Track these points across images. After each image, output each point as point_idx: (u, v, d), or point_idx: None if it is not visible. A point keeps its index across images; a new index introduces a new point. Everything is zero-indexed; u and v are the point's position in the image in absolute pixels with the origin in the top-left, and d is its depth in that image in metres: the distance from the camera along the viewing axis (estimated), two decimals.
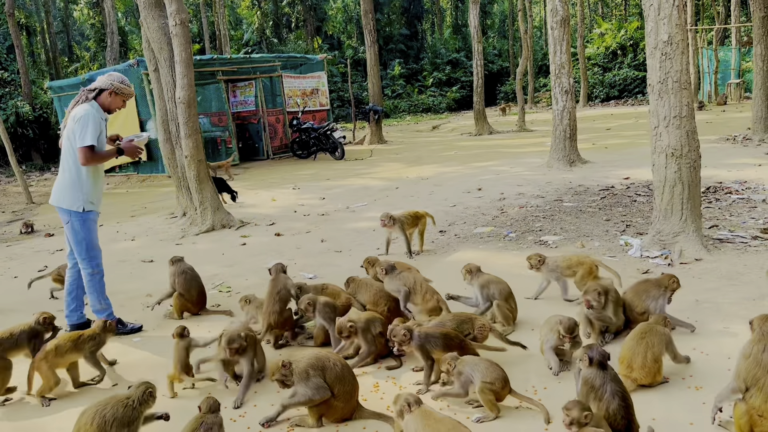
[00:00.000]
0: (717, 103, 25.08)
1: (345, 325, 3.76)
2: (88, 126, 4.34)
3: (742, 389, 2.73)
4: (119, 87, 4.53)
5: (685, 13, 5.38)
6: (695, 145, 5.48)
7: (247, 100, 18.07)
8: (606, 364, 2.90)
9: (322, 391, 3.00)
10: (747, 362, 2.73)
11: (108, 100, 4.55)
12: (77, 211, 4.48)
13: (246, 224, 8.75)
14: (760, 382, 2.69)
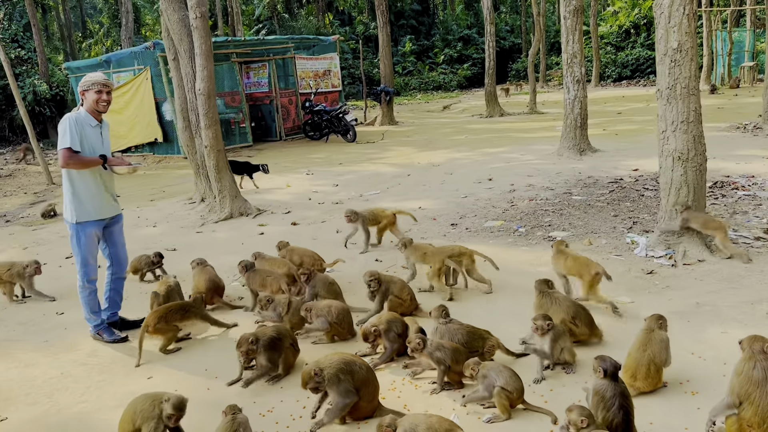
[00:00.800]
0: (730, 86, 24.91)
1: (369, 330, 4.04)
2: (66, 131, 4.36)
3: (736, 404, 2.98)
4: (82, 84, 4.49)
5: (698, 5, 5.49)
6: (701, 149, 5.65)
7: (261, 82, 18.21)
8: (617, 376, 3.14)
9: (351, 395, 3.28)
10: (740, 379, 2.98)
11: (86, 104, 4.51)
12: (71, 222, 4.54)
13: (263, 212, 9.02)
14: (752, 397, 2.94)
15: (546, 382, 3.76)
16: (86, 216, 4.54)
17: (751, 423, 2.92)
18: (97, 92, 4.46)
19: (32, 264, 5.88)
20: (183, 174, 13.06)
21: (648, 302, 4.82)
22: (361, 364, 3.42)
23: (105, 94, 4.49)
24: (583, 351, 4.03)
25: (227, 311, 5.30)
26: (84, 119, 4.48)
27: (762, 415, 2.89)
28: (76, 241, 4.58)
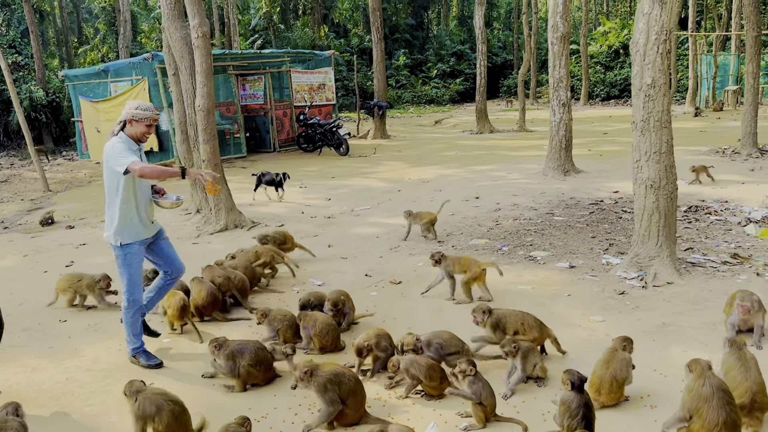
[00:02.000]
0: (713, 109, 25.54)
1: (363, 345, 4.37)
2: (119, 153, 4.42)
3: (687, 418, 3.33)
4: (135, 113, 4.53)
5: (672, 19, 5.88)
6: (672, 179, 6.04)
7: (256, 94, 18.56)
8: (583, 388, 3.48)
9: (336, 404, 3.61)
10: (690, 395, 3.33)
11: (131, 130, 4.57)
12: (115, 245, 4.64)
13: (257, 224, 9.32)
14: (701, 411, 3.28)
15: (518, 394, 4.08)
16: (131, 237, 4.62)
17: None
18: (148, 126, 4.58)
19: (104, 278, 6.10)
20: (179, 184, 13.29)
21: (618, 321, 5.17)
22: (350, 376, 3.75)
23: (152, 128, 4.66)
24: (554, 365, 4.36)
25: (222, 324, 5.58)
26: (127, 142, 4.55)
27: (709, 428, 3.23)
28: (122, 261, 4.64)
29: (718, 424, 3.19)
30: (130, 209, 4.56)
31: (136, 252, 4.65)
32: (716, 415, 3.20)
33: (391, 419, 3.83)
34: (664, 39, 5.80)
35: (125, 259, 4.63)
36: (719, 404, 3.23)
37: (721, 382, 3.36)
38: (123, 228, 4.58)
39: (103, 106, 16.89)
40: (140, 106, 4.57)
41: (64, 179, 15.71)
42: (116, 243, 4.61)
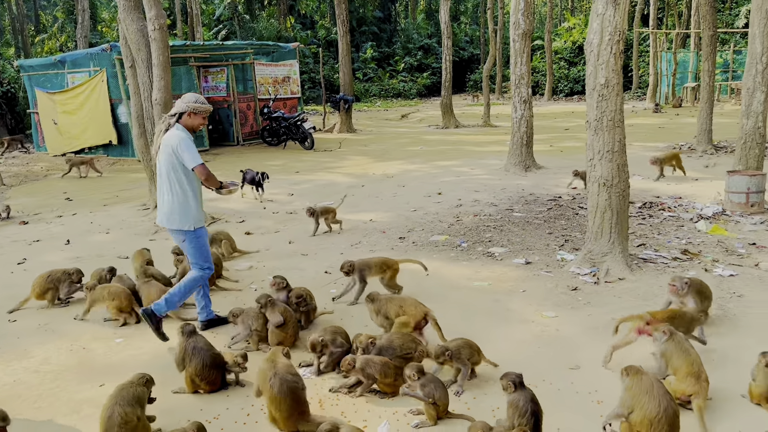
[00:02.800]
0: (673, 105, 26.17)
1: (317, 341, 4.37)
2: (190, 148, 4.78)
3: (625, 414, 3.45)
4: (195, 107, 4.86)
5: (632, 15, 6.00)
6: (625, 177, 6.17)
7: (219, 86, 18.31)
8: (524, 385, 3.56)
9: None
10: (630, 392, 3.47)
11: (188, 121, 4.89)
12: (189, 230, 4.95)
13: (216, 220, 9.22)
14: (641, 403, 3.39)
15: (469, 390, 4.14)
16: (200, 223, 5.04)
17: (640, 428, 3.36)
18: (203, 118, 4.94)
19: (76, 272, 6.04)
20: (137, 178, 13.09)
21: (570, 317, 5.28)
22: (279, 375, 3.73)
23: (206, 121, 5.06)
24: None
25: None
26: (187, 134, 4.89)
27: (649, 418, 3.33)
28: (196, 243, 5.01)
29: (659, 413, 3.30)
30: (195, 196, 4.95)
31: (205, 235, 5.11)
32: (657, 404, 3.32)
33: (343, 417, 3.85)
34: (618, 40, 5.91)
35: (198, 240, 5.03)
36: (659, 394, 3.35)
37: (658, 379, 3.48)
38: (194, 214, 4.96)
39: (60, 97, 16.47)
40: (199, 99, 4.91)
41: (19, 173, 15.28)
42: (190, 228, 4.95)
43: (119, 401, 3.53)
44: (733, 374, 4.16)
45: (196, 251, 5.05)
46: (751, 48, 8.94)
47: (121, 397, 3.56)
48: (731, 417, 3.72)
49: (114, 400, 3.55)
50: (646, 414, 3.34)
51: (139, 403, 3.61)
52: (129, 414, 3.49)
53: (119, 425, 3.44)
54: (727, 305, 5.37)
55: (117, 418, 3.46)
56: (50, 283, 5.91)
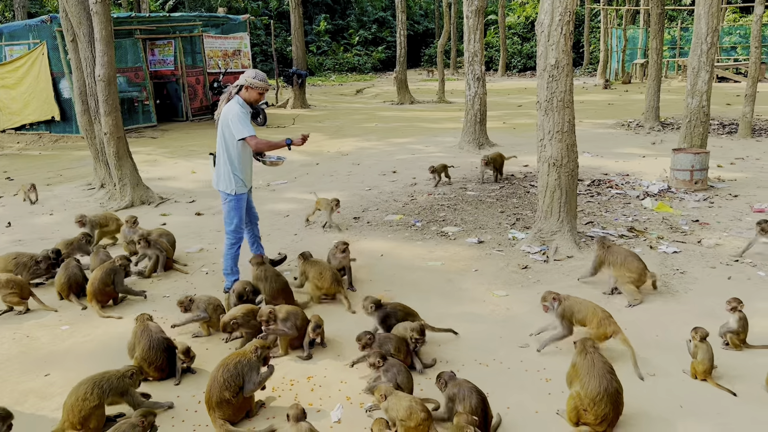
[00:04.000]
0: (622, 82, 26.72)
1: (265, 311, 4.35)
2: (237, 122, 5.16)
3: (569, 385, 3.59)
4: (251, 81, 5.25)
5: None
6: (574, 157, 6.28)
7: (166, 60, 17.72)
8: (455, 376, 3.62)
9: None
10: (575, 368, 3.59)
11: (245, 95, 5.30)
12: (231, 194, 5.39)
13: (165, 200, 9.00)
14: (583, 381, 3.50)
15: (428, 373, 4.19)
16: (242, 189, 5.45)
17: (585, 406, 3.47)
18: (260, 93, 5.33)
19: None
20: (82, 156, 12.63)
21: (520, 296, 5.39)
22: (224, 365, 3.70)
23: (263, 96, 5.44)
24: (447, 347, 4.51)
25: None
26: (244, 107, 5.29)
27: (591, 397, 3.45)
28: (234, 207, 5.46)
29: (600, 392, 3.41)
30: (239, 165, 5.35)
31: (243, 200, 5.51)
32: (598, 383, 3.43)
33: (296, 401, 3.85)
34: (568, 20, 5.96)
35: (236, 204, 5.46)
36: (600, 374, 3.47)
37: (603, 357, 3.60)
38: (235, 180, 5.37)
39: None
40: (257, 75, 5.31)
41: None
42: (231, 192, 5.40)
43: (97, 382, 3.59)
44: (675, 350, 4.32)
45: (227, 214, 5.52)
46: (697, 28, 9.16)
47: (101, 380, 3.61)
48: (672, 392, 3.88)
49: (92, 383, 3.58)
50: (587, 393, 3.46)
51: (115, 393, 3.62)
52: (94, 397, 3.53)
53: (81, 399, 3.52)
54: (671, 282, 5.57)
55: (81, 393, 3.53)
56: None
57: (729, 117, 15.41)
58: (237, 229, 5.55)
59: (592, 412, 3.42)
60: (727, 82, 25.39)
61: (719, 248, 6.38)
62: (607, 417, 3.41)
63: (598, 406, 3.40)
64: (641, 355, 4.24)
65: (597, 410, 3.41)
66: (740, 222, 7.24)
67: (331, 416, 3.70)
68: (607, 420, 3.42)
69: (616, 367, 3.63)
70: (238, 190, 5.42)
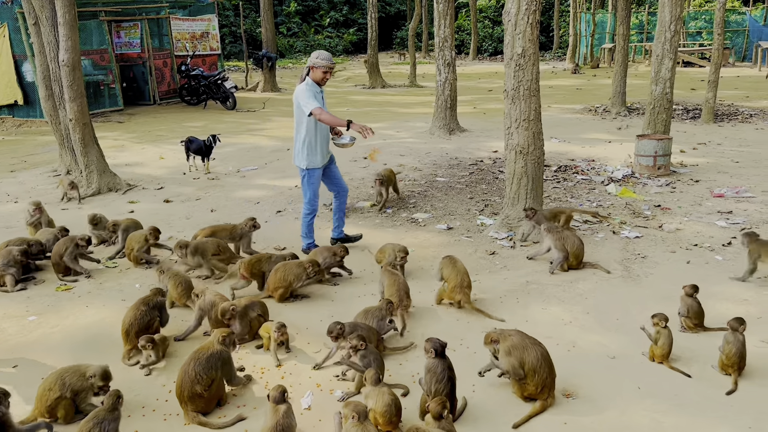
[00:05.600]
0: (591, 66, 27.03)
1: (227, 308, 4.38)
2: (303, 98, 5.61)
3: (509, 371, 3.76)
4: (315, 62, 5.66)
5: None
6: (540, 144, 6.39)
7: (132, 42, 17.36)
8: (444, 353, 3.70)
9: None
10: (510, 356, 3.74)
11: (313, 75, 5.71)
12: (303, 168, 5.90)
13: (133, 187, 8.91)
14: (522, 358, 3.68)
15: (393, 358, 4.28)
16: (314, 164, 5.88)
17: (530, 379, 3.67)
18: (324, 72, 5.68)
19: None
20: (46, 141, 12.38)
21: (487, 281, 5.50)
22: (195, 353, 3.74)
23: (329, 74, 5.73)
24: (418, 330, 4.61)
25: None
26: (312, 86, 5.68)
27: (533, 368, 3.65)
28: (306, 181, 5.96)
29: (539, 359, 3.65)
30: (311, 142, 5.79)
31: (317, 175, 5.98)
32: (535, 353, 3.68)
33: (267, 389, 3.90)
34: (534, 9, 6.03)
35: (309, 179, 5.95)
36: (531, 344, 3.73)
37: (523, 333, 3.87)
38: (307, 155, 5.83)
39: None
40: (320, 56, 5.69)
41: None
42: (303, 167, 5.91)
43: (62, 375, 3.61)
44: (635, 333, 4.48)
45: (304, 187, 6.03)
46: (661, 16, 9.33)
47: (65, 373, 3.62)
48: (632, 374, 4.03)
49: (60, 374, 3.62)
50: (530, 366, 3.66)
51: (73, 390, 3.60)
52: (54, 389, 3.56)
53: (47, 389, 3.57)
54: (632, 266, 5.75)
55: (47, 383, 3.58)
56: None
57: (693, 102, 15.76)
58: (311, 201, 6.01)
59: (532, 383, 3.65)
60: (693, 66, 25.87)
61: (680, 233, 6.58)
62: (546, 383, 3.65)
63: (539, 373, 3.63)
64: (602, 338, 4.40)
65: (537, 379, 3.64)
66: (700, 207, 7.47)
67: (302, 403, 3.77)
68: (548, 387, 3.67)
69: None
70: (309, 165, 5.88)
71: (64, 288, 5.54)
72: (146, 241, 5.95)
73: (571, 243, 5.66)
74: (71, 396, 3.58)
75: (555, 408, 3.67)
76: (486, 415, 3.64)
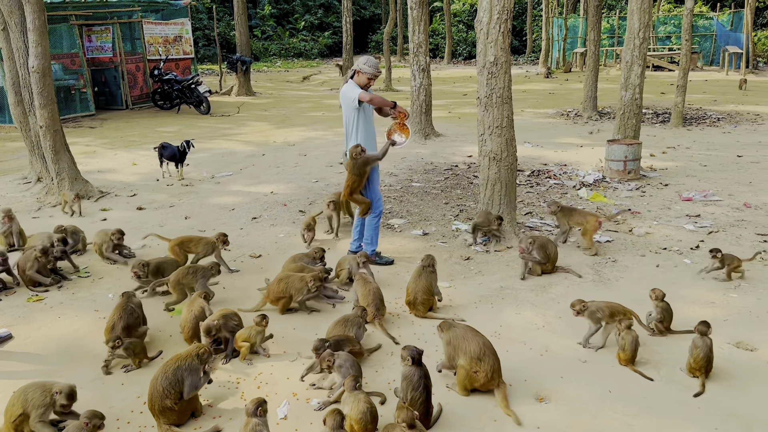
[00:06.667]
0: (563, 70, 27.40)
1: (213, 326, 4.35)
2: (349, 92, 5.80)
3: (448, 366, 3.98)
4: (361, 67, 5.81)
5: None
6: (513, 151, 6.49)
7: (104, 46, 17.14)
8: (421, 362, 3.75)
9: None
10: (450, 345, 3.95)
11: (357, 79, 5.87)
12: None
13: (106, 194, 8.80)
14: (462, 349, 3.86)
15: (370, 366, 4.30)
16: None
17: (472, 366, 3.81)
18: (369, 78, 5.82)
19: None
20: (16, 147, 12.16)
21: (462, 287, 5.57)
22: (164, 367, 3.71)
23: (373, 80, 5.88)
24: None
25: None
26: (353, 85, 5.84)
27: (476, 357, 3.81)
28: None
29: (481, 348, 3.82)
30: (360, 140, 5.85)
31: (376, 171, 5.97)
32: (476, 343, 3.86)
33: (242, 399, 3.90)
34: (506, 18, 6.12)
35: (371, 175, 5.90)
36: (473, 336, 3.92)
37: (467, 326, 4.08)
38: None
39: None
40: (367, 62, 5.83)
41: None
42: None
43: (25, 391, 3.55)
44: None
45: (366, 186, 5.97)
46: (630, 23, 9.52)
47: (29, 390, 3.55)
48: (602, 378, 4.12)
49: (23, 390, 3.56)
50: (471, 355, 3.82)
51: (34, 406, 3.52)
52: (17, 405, 3.51)
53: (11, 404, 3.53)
54: (603, 270, 5.86)
55: (12, 399, 3.54)
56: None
57: (663, 106, 16.07)
58: (376, 204, 6.01)
59: (482, 371, 3.78)
60: (663, 70, 26.40)
61: (649, 237, 6.73)
62: (495, 369, 3.79)
63: (484, 362, 3.77)
64: (574, 342, 4.49)
65: (485, 366, 3.76)
66: (669, 210, 7.64)
67: (278, 413, 3.77)
68: (497, 372, 3.81)
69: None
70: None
71: (35, 299, 5.46)
72: (111, 241, 6.13)
73: (552, 248, 5.76)
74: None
75: (529, 413, 3.73)
76: (461, 420, 3.69)
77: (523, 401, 3.84)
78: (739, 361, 4.25)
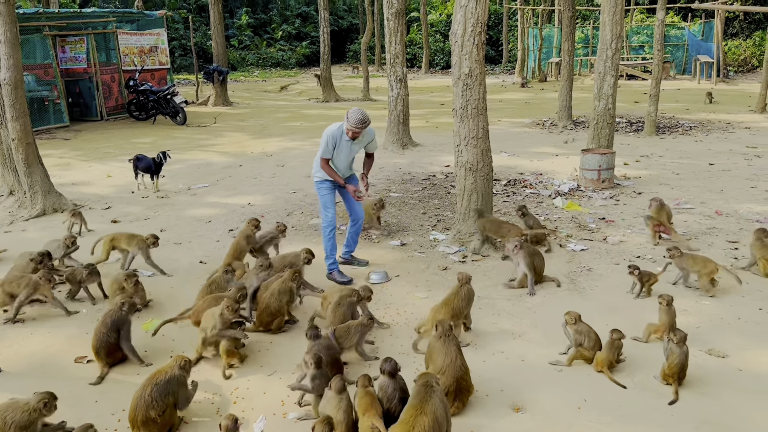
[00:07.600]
0: (539, 80, 27.75)
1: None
2: (326, 143, 5.89)
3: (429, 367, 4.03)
4: (348, 117, 5.76)
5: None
6: (488, 161, 6.55)
7: (78, 57, 16.95)
8: (396, 373, 3.76)
9: None
10: (430, 350, 4.07)
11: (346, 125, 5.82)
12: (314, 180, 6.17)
13: (80, 207, 8.66)
14: (432, 359, 3.98)
15: (353, 374, 4.29)
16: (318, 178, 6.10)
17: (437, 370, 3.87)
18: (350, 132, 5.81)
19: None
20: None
21: (440, 297, 5.52)
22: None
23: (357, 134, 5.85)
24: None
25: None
26: (336, 134, 5.89)
27: (437, 368, 3.87)
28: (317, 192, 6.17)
29: (444, 366, 3.86)
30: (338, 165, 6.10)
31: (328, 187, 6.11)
32: (443, 359, 3.89)
33: (219, 415, 3.87)
34: (480, 31, 6.20)
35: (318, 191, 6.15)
36: (448, 352, 3.94)
37: (456, 340, 4.09)
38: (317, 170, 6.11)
39: None
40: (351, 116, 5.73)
41: None
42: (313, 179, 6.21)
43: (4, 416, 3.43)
44: None
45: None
46: (602, 34, 9.69)
47: (5, 411, 3.44)
48: (578, 386, 4.16)
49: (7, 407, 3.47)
50: (437, 366, 3.90)
51: (18, 427, 3.43)
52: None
53: None
54: (578, 279, 5.93)
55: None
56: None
57: (636, 115, 16.36)
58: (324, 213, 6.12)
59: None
60: (636, 79, 26.86)
61: (623, 245, 6.83)
62: (449, 389, 3.78)
63: (446, 375, 3.81)
64: (549, 351, 4.53)
65: (443, 382, 3.77)
66: (643, 219, 7.75)
67: (254, 428, 3.75)
68: (450, 393, 3.79)
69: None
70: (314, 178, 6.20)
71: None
72: (66, 247, 6.20)
73: (539, 260, 5.79)
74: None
75: (505, 424, 3.75)
76: None
77: (499, 412, 3.87)
78: (711, 368, 4.33)
